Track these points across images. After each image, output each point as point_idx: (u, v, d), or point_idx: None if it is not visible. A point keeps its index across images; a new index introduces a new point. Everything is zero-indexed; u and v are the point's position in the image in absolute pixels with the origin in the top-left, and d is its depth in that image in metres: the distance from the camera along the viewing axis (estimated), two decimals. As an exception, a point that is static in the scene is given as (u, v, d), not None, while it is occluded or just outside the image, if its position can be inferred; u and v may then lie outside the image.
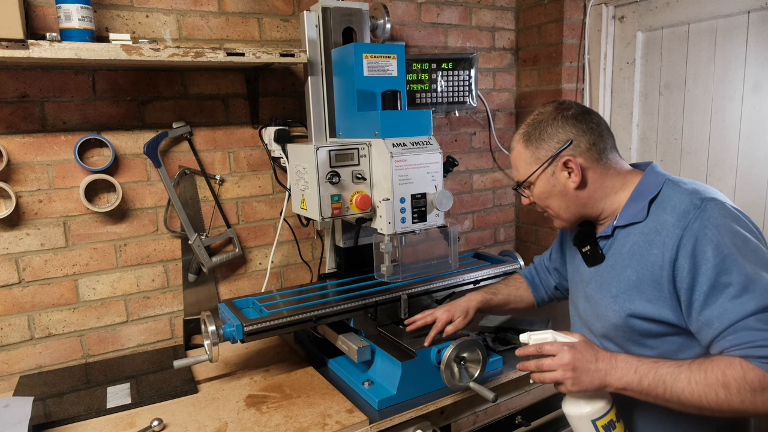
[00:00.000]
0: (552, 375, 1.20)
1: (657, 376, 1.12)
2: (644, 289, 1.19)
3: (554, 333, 1.25)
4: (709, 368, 1.08)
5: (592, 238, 1.34)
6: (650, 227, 1.19)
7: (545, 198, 1.32)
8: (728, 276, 1.07)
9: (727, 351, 1.08)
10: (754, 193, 1.99)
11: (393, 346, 1.58)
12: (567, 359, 1.18)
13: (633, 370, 1.15)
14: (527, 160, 1.31)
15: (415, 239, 1.61)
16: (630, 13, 2.34)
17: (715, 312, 1.09)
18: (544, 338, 1.24)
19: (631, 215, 1.23)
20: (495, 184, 2.71)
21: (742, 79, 1.98)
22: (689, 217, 1.13)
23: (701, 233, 1.10)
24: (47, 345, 1.78)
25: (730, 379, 1.05)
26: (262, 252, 2.11)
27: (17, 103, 1.65)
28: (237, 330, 1.51)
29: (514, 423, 1.76)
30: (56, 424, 1.43)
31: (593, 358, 1.19)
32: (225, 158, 1.99)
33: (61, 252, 1.76)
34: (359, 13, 1.78)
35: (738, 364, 1.05)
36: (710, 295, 1.09)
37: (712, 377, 1.07)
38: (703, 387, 1.07)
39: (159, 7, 1.80)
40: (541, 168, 1.28)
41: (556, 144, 1.26)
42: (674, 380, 1.10)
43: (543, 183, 1.30)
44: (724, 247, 1.08)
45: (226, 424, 1.42)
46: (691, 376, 1.09)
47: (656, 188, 1.22)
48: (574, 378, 1.18)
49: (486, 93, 2.58)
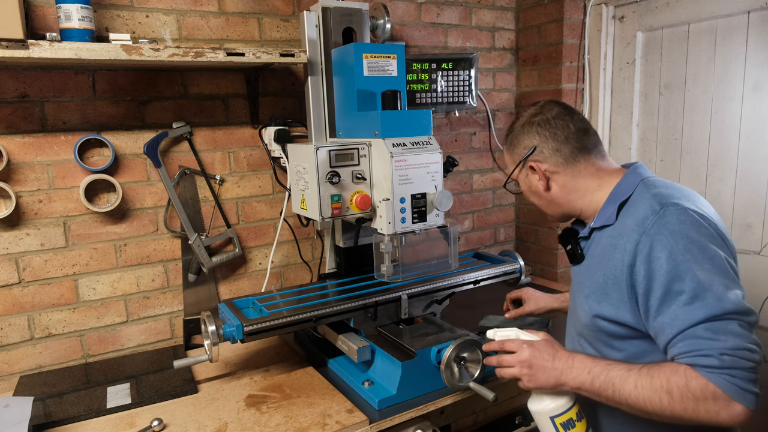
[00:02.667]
0: (510, 371, 1.26)
1: (607, 378, 1.13)
2: (609, 292, 1.21)
3: (518, 331, 1.30)
4: (656, 374, 1.09)
5: (573, 238, 1.37)
6: (617, 231, 1.22)
7: (527, 196, 1.42)
8: (681, 283, 1.08)
9: (677, 358, 1.09)
10: (754, 194, 1.99)
11: (393, 346, 1.58)
12: (525, 356, 1.23)
13: (587, 371, 1.17)
14: (508, 161, 1.42)
15: (415, 239, 1.61)
16: (630, 13, 2.34)
17: (667, 318, 1.10)
18: (508, 335, 1.30)
19: (605, 218, 1.26)
20: (495, 184, 2.70)
21: (742, 79, 1.98)
22: (647, 223, 1.15)
23: (656, 239, 1.12)
24: (47, 345, 1.78)
25: (673, 386, 1.06)
26: (262, 252, 2.11)
27: (17, 103, 1.65)
28: (237, 330, 1.51)
29: (514, 423, 1.76)
30: (56, 424, 1.43)
31: (551, 356, 1.22)
32: (225, 158, 1.99)
33: (61, 252, 1.76)
34: (359, 13, 1.78)
35: (683, 371, 1.06)
36: (664, 301, 1.10)
37: (657, 383, 1.08)
38: (648, 392, 1.08)
39: (159, 7, 1.80)
40: (516, 170, 1.38)
41: (523, 150, 1.34)
42: (622, 383, 1.11)
43: (522, 182, 1.41)
44: (677, 253, 1.09)
45: (226, 424, 1.42)
46: (638, 381, 1.10)
47: (629, 191, 1.24)
48: (530, 375, 1.22)
49: (486, 93, 2.58)
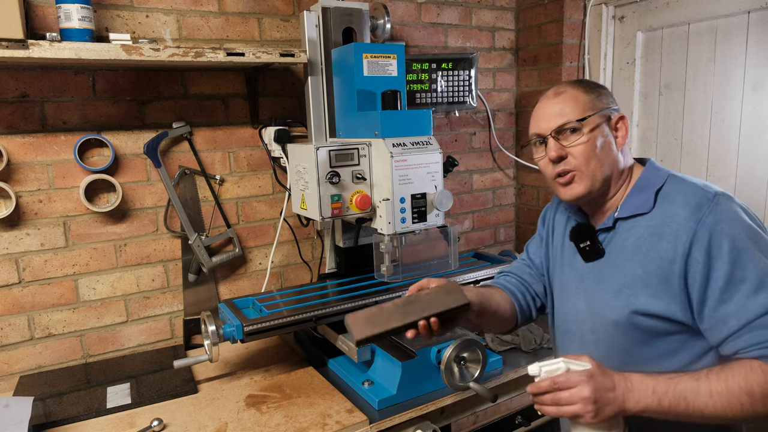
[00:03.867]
0: (572, 409, 1.09)
1: (677, 394, 1.06)
2: (650, 284, 1.14)
3: (565, 361, 1.13)
4: (730, 377, 1.03)
5: (591, 233, 1.28)
6: (658, 220, 1.15)
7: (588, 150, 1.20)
8: (744, 270, 1.04)
9: (743, 351, 1.04)
10: (755, 193, 1.99)
11: (393, 346, 1.58)
12: (587, 392, 1.08)
13: (650, 392, 1.08)
14: (586, 103, 1.21)
15: (415, 239, 1.61)
16: (630, 13, 2.34)
17: (732, 308, 1.05)
18: (557, 369, 1.12)
19: (635, 206, 1.19)
20: (495, 184, 2.70)
21: (742, 79, 1.98)
22: (703, 210, 1.09)
23: (716, 227, 1.07)
24: (47, 345, 1.78)
25: (753, 384, 1.01)
26: (262, 252, 2.11)
27: (17, 103, 1.65)
28: (237, 330, 1.51)
29: (514, 423, 1.76)
30: (56, 424, 1.43)
31: (611, 385, 1.10)
32: (225, 158, 1.99)
33: (61, 252, 1.76)
34: (359, 13, 1.78)
35: (758, 367, 1.01)
36: (726, 290, 1.05)
37: (734, 385, 1.02)
38: (727, 397, 1.02)
39: (159, 7, 1.80)
40: (601, 113, 1.20)
41: (612, 102, 1.24)
42: (695, 395, 1.05)
43: (592, 132, 1.20)
44: (739, 240, 1.05)
45: (226, 424, 1.42)
46: (711, 388, 1.04)
47: (660, 181, 1.19)
48: (596, 410, 1.08)
49: (486, 93, 2.58)
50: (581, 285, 1.30)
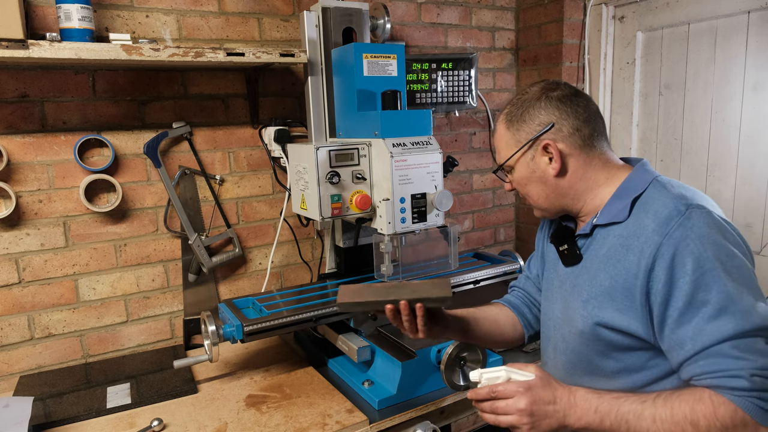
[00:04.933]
0: (507, 419, 1.09)
1: (619, 416, 1.03)
2: (616, 297, 1.09)
3: (508, 370, 1.13)
4: (676, 404, 0.99)
5: (570, 237, 1.24)
6: (630, 230, 1.10)
7: (525, 184, 1.24)
8: (706, 293, 0.98)
9: (697, 378, 0.99)
10: (755, 193, 1.99)
11: (393, 346, 1.58)
12: (523, 404, 1.07)
13: (593, 410, 1.05)
14: (508, 142, 1.23)
15: (415, 239, 1.61)
16: (630, 13, 2.34)
17: (689, 332, 0.99)
18: (497, 377, 1.12)
19: (612, 214, 1.14)
20: (495, 184, 2.70)
21: (742, 79, 1.98)
22: (671, 224, 1.03)
23: (682, 243, 1.01)
24: (47, 345, 1.78)
25: (699, 415, 0.96)
26: (262, 252, 2.11)
27: (17, 103, 1.65)
28: (237, 330, 1.51)
29: (514, 423, 1.75)
30: (56, 424, 1.43)
31: (551, 398, 1.08)
32: (225, 158, 1.99)
33: (61, 252, 1.76)
34: (359, 13, 1.78)
35: (708, 398, 0.97)
36: (685, 312, 1.00)
37: (680, 414, 0.98)
38: (670, 425, 0.98)
39: (159, 7, 1.80)
40: (521, 151, 1.20)
41: (537, 126, 1.17)
42: (638, 419, 1.01)
43: (522, 167, 1.22)
44: (705, 260, 0.99)
45: (226, 424, 1.42)
46: (656, 413, 0.99)
47: (642, 187, 1.13)
48: (531, 423, 1.07)
49: (486, 93, 2.58)
50: (560, 290, 1.27)
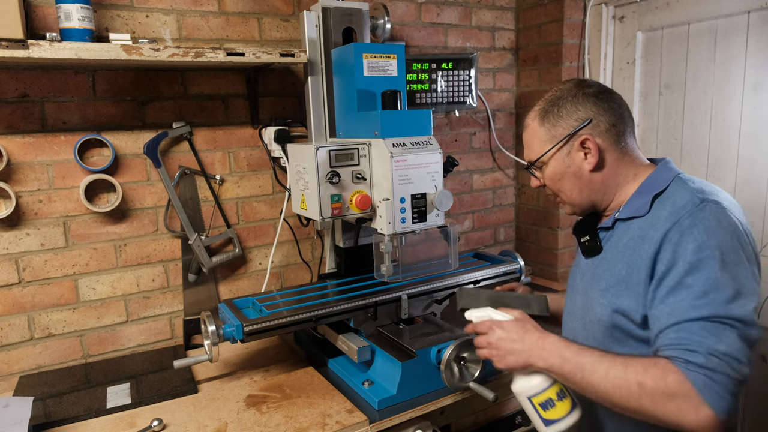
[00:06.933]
0: (481, 352, 1.25)
1: (578, 363, 1.08)
2: (631, 285, 1.14)
3: (491, 311, 1.28)
4: (632, 364, 1.02)
5: (592, 229, 1.29)
6: (648, 222, 1.14)
7: (558, 180, 1.26)
8: (695, 278, 1.02)
9: (663, 349, 1.02)
10: (755, 193, 1.99)
11: (393, 346, 1.58)
12: (493, 338, 1.21)
13: (558, 355, 1.11)
14: (542, 138, 1.25)
15: (415, 239, 1.61)
16: (630, 13, 2.34)
17: (668, 308, 1.04)
18: (482, 316, 1.28)
19: (634, 209, 1.19)
20: (495, 184, 2.70)
21: (742, 79, 1.98)
22: (683, 213, 1.07)
23: (688, 230, 1.05)
24: (47, 345, 1.78)
25: (648, 377, 0.99)
26: (262, 252, 2.11)
27: (17, 103, 1.65)
28: (237, 330, 1.51)
29: (514, 423, 1.76)
30: (56, 424, 1.43)
31: (519, 337, 1.18)
32: (225, 158, 1.99)
33: (61, 252, 1.76)
34: (359, 13, 1.78)
35: (662, 364, 0.99)
36: (672, 292, 1.04)
37: (632, 373, 1.01)
38: (619, 381, 1.01)
39: (159, 7, 1.80)
40: (557, 147, 1.22)
41: (575, 122, 1.20)
42: (592, 369, 1.05)
43: (557, 163, 1.24)
44: (706, 248, 1.02)
45: (226, 424, 1.42)
46: (610, 369, 1.03)
47: (664, 183, 1.17)
48: (498, 356, 1.20)
49: (486, 93, 2.58)
50: (581, 281, 1.33)
